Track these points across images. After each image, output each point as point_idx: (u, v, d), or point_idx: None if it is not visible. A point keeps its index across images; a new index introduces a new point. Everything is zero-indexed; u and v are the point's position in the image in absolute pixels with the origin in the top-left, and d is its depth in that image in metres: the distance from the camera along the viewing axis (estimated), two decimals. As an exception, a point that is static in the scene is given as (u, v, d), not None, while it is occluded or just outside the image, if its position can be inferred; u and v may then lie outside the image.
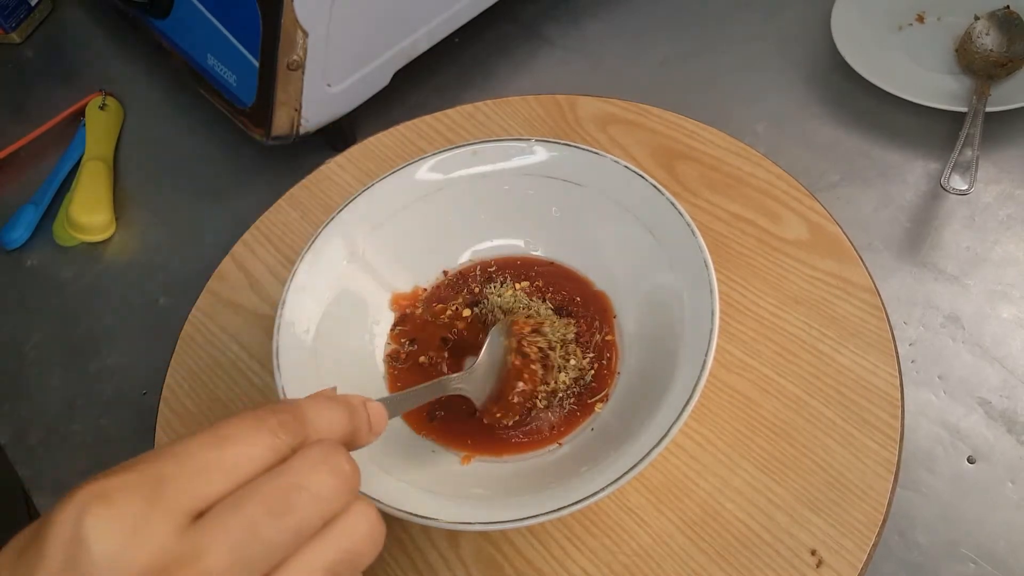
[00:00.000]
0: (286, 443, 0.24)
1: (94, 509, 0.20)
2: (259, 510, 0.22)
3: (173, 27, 0.62)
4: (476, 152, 0.48)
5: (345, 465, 0.24)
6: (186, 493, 0.21)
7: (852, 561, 0.37)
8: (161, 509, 0.21)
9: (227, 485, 0.22)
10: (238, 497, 0.22)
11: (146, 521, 0.20)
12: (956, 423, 0.44)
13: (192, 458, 0.22)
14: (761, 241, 0.49)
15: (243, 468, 0.23)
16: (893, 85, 0.56)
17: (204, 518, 0.21)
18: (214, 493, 0.22)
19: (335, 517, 0.23)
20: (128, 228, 0.64)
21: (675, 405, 0.36)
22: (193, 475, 0.22)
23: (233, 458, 0.23)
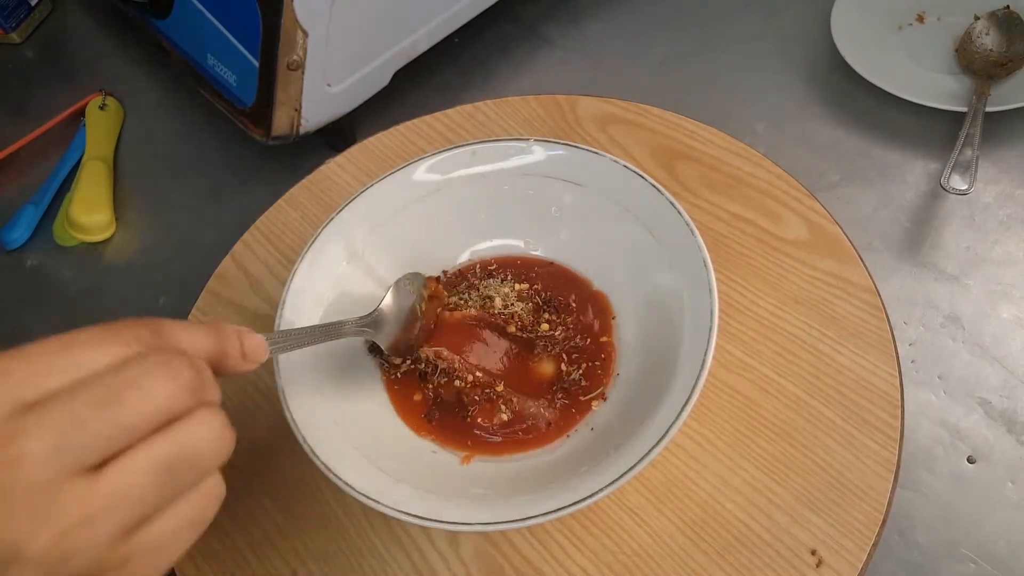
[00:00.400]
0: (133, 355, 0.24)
1: None
2: (85, 401, 0.22)
3: (173, 27, 0.62)
4: (476, 152, 0.48)
5: (185, 370, 0.24)
6: (22, 384, 0.22)
7: (852, 561, 0.37)
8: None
9: (64, 380, 0.22)
10: (70, 391, 0.22)
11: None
12: (956, 423, 0.44)
13: (36, 357, 0.23)
14: (761, 241, 0.49)
15: (84, 369, 0.23)
16: (893, 85, 0.56)
17: (33, 407, 0.21)
18: (51, 388, 0.22)
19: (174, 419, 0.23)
20: (128, 228, 0.64)
21: (675, 405, 0.36)
22: (34, 371, 0.22)
23: (77, 359, 0.23)
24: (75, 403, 0.22)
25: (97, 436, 0.22)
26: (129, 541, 0.22)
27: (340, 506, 0.43)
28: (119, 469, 0.22)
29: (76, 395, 0.22)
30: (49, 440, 0.21)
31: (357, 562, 0.41)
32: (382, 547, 0.41)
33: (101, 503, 0.21)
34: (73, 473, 0.21)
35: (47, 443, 0.21)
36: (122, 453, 0.22)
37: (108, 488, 0.21)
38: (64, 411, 0.21)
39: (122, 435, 0.22)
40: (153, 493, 0.22)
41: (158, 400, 0.23)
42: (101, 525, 0.21)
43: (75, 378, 0.22)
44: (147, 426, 0.23)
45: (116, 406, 0.22)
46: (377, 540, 0.42)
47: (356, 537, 0.42)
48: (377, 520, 0.42)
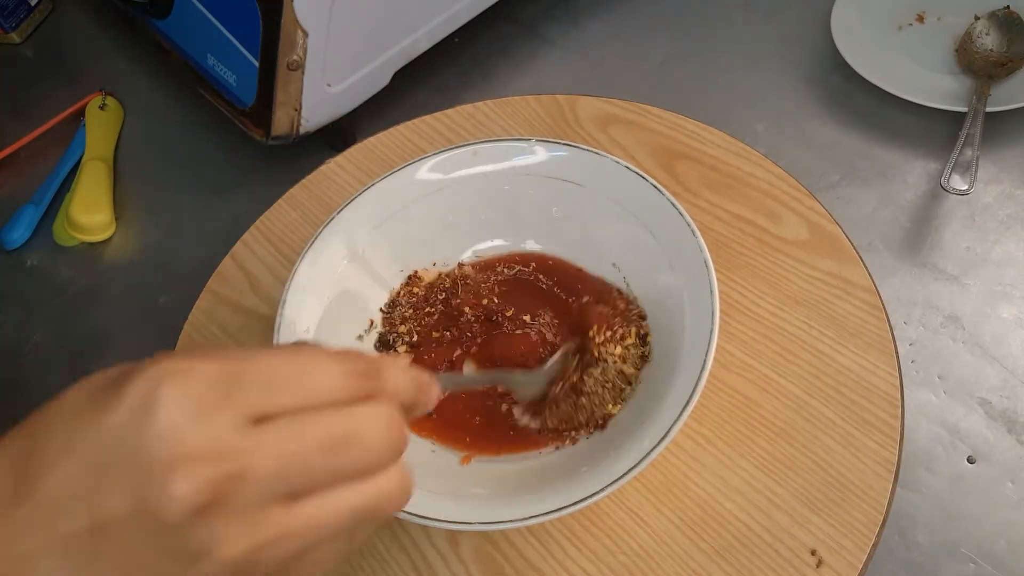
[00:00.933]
0: (359, 389, 0.25)
1: (173, 381, 0.22)
2: (314, 439, 0.23)
3: (173, 27, 0.62)
4: (477, 152, 0.48)
5: (401, 430, 0.25)
6: (257, 398, 0.23)
7: (852, 561, 0.37)
8: (230, 403, 0.22)
9: (295, 404, 0.23)
10: (300, 420, 0.23)
11: (213, 409, 0.22)
12: (956, 423, 0.44)
13: (273, 369, 0.24)
14: (761, 241, 0.49)
15: (315, 394, 0.24)
16: (893, 85, 0.56)
17: (263, 425, 0.23)
18: (281, 407, 0.23)
19: (374, 471, 0.25)
20: (128, 228, 0.64)
21: (675, 405, 0.36)
22: (269, 385, 0.23)
23: (309, 383, 0.24)
24: (303, 437, 0.23)
25: (311, 474, 0.23)
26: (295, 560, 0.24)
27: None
28: (317, 506, 0.23)
29: (305, 427, 0.23)
30: (272, 466, 0.22)
31: (357, 562, 0.41)
32: (382, 547, 0.41)
33: (293, 531, 0.23)
34: (279, 500, 0.23)
35: (270, 469, 0.22)
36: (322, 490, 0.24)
37: (303, 520, 0.23)
38: (292, 442, 0.23)
39: (330, 478, 0.24)
40: (337, 531, 0.24)
41: (373, 456, 0.24)
42: (286, 548, 0.23)
43: (306, 403, 0.24)
44: (352, 475, 0.24)
45: (338, 453, 0.23)
46: (377, 540, 0.42)
47: (356, 537, 0.42)
48: (377, 520, 0.42)
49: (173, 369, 0.23)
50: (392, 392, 0.26)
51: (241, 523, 0.22)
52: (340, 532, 0.24)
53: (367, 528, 0.26)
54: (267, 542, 0.22)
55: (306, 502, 0.23)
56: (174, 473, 0.21)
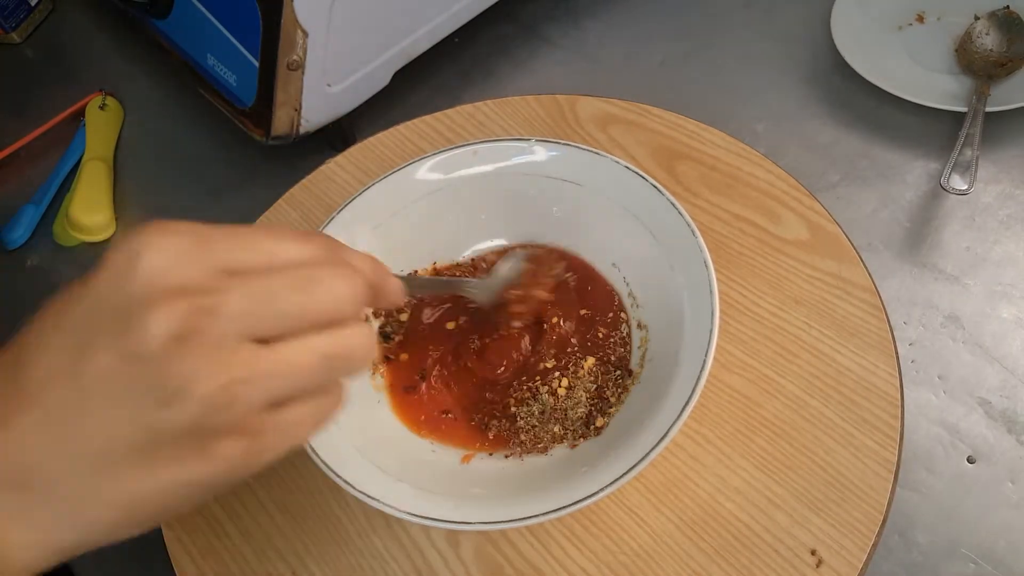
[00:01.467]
0: (321, 258, 0.27)
1: (155, 236, 0.25)
2: (280, 281, 0.25)
3: (173, 27, 0.62)
4: (477, 152, 0.48)
5: (360, 284, 0.27)
6: (230, 252, 0.25)
7: (852, 561, 0.37)
8: (206, 254, 0.25)
9: (262, 260, 0.26)
10: (268, 269, 0.25)
11: (190, 257, 0.24)
12: (956, 423, 0.44)
13: (243, 234, 0.26)
14: (761, 241, 0.49)
15: (282, 256, 0.26)
16: (893, 85, 0.56)
17: (237, 273, 0.25)
18: (252, 263, 0.25)
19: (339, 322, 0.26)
20: (128, 228, 0.64)
21: (675, 405, 0.36)
22: (240, 245, 0.26)
23: (276, 247, 0.26)
24: (271, 281, 0.25)
25: (282, 314, 0.25)
26: (270, 414, 0.25)
27: (340, 506, 0.43)
28: (289, 347, 0.25)
29: (272, 274, 0.25)
30: (243, 303, 0.24)
31: (357, 562, 0.41)
32: (382, 547, 0.42)
33: (267, 369, 0.24)
34: (251, 337, 0.24)
35: (241, 305, 0.24)
36: (293, 335, 0.25)
37: (277, 359, 0.24)
38: (261, 284, 0.25)
39: (300, 320, 0.25)
40: (308, 376, 0.25)
41: (337, 301, 0.26)
42: (260, 388, 0.24)
43: (273, 261, 0.26)
44: (322, 319, 0.26)
45: (305, 294, 0.25)
46: (377, 540, 0.42)
47: (356, 537, 0.42)
48: (377, 520, 0.42)
49: (155, 228, 0.25)
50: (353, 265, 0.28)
51: (214, 357, 0.23)
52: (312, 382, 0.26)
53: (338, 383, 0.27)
54: (240, 378, 0.23)
55: (277, 345, 0.25)
56: (152, 306, 0.23)
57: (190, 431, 0.23)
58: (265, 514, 0.43)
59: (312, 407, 0.26)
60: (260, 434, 0.25)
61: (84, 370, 0.23)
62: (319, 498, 0.43)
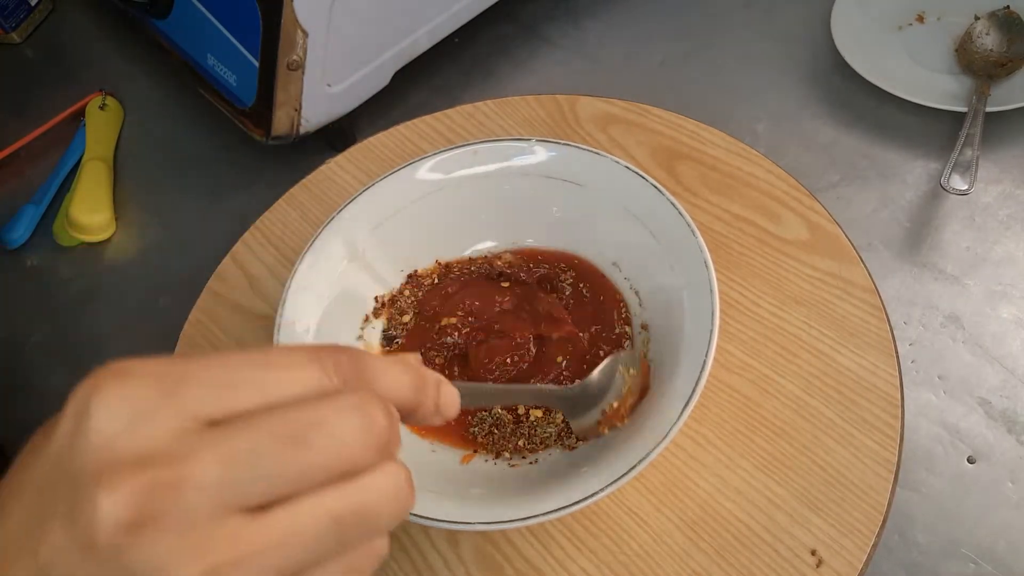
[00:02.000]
0: (335, 387, 0.22)
1: (106, 387, 0.19)
2: (268, 434, 0.20)
3: (173, 27, 0.62)
4: (477, 152, 0.48)
5: (380, 419, 0.21)
6: (205, 398, 0.20)
7: (852, 561, 0.37)
8: (173, 405, 0.19)
9: (253, 404, 0.20)
10: (255, 417, 0.20)
11: (152, 413, 0.19)
12: (956, 423, 0.44)
13: (227, 369, 0.21)
14: (761, 241, 0.49)
15: (276, 393, 0.21)
16: (893, 85, 0.56)
17: (212, 427, 0.20)
18: (236, 408, 0.20)
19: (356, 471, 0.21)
20: (128, 228, 0.64)
21: (675, 405, 0.36)
22: (221, 384, 0.20)
23: (271, 379, 0.21)
24: (254, 433, 0.20)
25: (270, 475, 0.20)
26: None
27: None
28: (287, 515, 0.20)
29: (258, 424, 0.20)
30: (217, 471, 0.19)
31: (357, 562, 0.41)
32: (382, 547, 0.41)
33: (259, 547, 0.19)
34: (236, 509, 0.19)
35: (214, 471, 0.19)
36: (294, 497, 0.20)
37: (270, 533, 0.20)
38: (242, 440, 0.19)
39: (298, 479, 0.20)
40: (317, 547, 0.20)
41: (346, 449, 0.21)
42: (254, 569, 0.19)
43: (265, 402, 0.20)
44: (327, 475, 0.20)
45: (300, 447, 0.20)
46: (377, 540, 0.42)
47: (356, 537, 0.42)
48: (377, 520, 0.42)
49: (112, 372, 0.20)
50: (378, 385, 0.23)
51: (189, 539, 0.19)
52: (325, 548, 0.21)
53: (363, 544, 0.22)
54: (228, 561, 0.19)
55: (272, 511, 0.20)
56: (99, 485, 0.18)
57: None
58: (265, 514, 0.43)
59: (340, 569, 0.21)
60: None
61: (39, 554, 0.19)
62: (319, 498, 0.43)
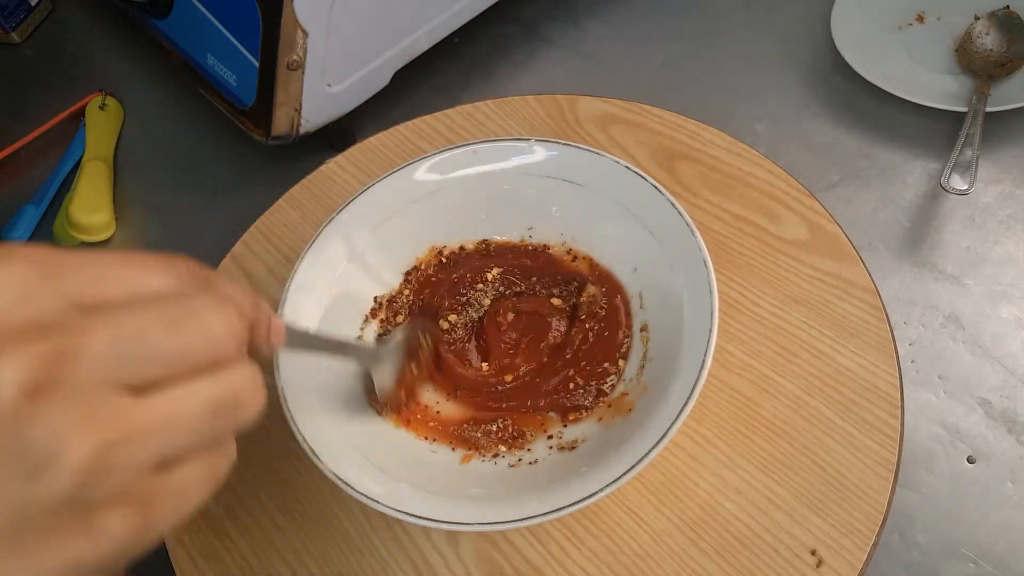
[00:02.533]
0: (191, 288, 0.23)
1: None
2: (149, 316, 0.21)
3: (173, 27, 0.62)
4: (477, 152, 0.48)
5: (236, 319, 0.23)
6: (84, 283, 0.21)
7: (852, 561, 0.37)
8: (56, 286, 0.20)
9: (122, 293, 0.21)
10: (132, 303, 0.21)
11: (38, 289, 0.20)
12: (956, 423, 0.44)
13: (98, 261, 0.22)
14: (761, 241, 0.49)
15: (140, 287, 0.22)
16: (893, 85, 0.56)
17: (95, 308, 0.21)
18: (112, 295, 0.21)
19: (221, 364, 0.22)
20: (128, 228, 0.64)
21: (675, 405, 0.36)
22: (93, 274, 0.21)
23: (137, 275, 0.22)
24: (138, 316, 0.21)
25: (154, 355, 0.21)
26: (158, 477, 0.21)
27: (340, 506, 0.43)
28: (169, 397, 0.21)
29: (136, 310, 0.21)
30: (109, 343, 0.20)
31: (357, 562, 0.41)
32: (382, 547, 0.42)
33: (147, 424, 0.20)
34: (123, 387, 0.20)
35: (105, 344, 0.20)
36: (171, 382, 0.21)
37: (156, 411, 0.21)
38: (127, 320, 0.21)
39: (176, 362, 0.21)
40: (194, 430, 0.22)
41: (217, 338, 0.22)
42: (142, 447, 0.20)
43: (132, 293, 0.22)
44: (203, 360, 0.22)
45: (177, 331, 0.21)
46: (377, 540, 0.42)
47: (356, 537, 0.42)
48: (377, 520, 0.42)
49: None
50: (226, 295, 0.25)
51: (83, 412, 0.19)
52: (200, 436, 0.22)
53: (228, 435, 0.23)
54: (117, 439, 0.20)
55: (155, 394, 0.21)
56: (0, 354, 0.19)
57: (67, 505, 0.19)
58: (265, 514, 0.43)
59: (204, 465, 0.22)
60: (149, 503, 0.21)
61: None
62: (319, 498, 0.43)
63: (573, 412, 0.42)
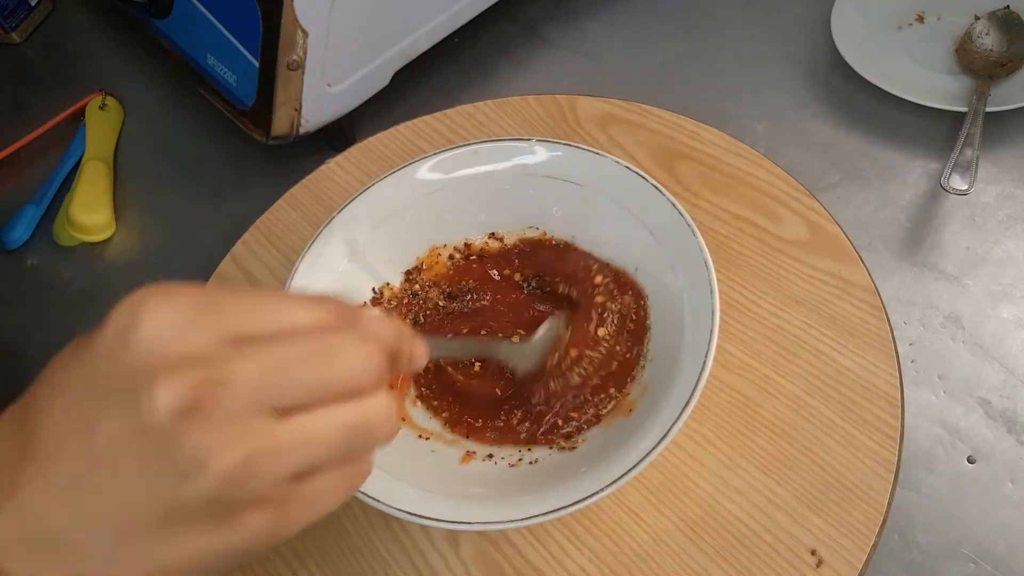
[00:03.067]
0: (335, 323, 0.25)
1: (154, 301, 0.23)
2: (296, 351, 0.23)
3: (173, 27, 0.62)
4: (477, 152, 0.48)
5: (377, 354, 0.25)
6: (237, 318, 0.23)
7: (852, 561, 0.37)
8: (211, 321, 0.23)
9: (273, 327, 0.24)
10: (279, 337, 0.24)
11: (194, 324, 0.23)
12: (956, 423, 0.44)
13: (253, 299, 0.24)
14: (761, 241, 0.49)
15: (291, 322, 0.24)
16: (893, 85, 0.56)
17: (246, 340, 0.23)
18: (261, 330, 0.24)
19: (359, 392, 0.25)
20: (128, 228, 0.64)
21: (675, 405, 0.36)
22: (248, 309, 0.24)
23: (286, 312, 0.25)
24: (284, 349, 0.23)
25: (298, 384, 0.23)
26: (294, 485, 0.24)
27: (340, 506, 0.43)
28: (309, 419, 0.23)
29: (285, 342, 0.23)
30: (256, 372, 0.22)
31: (357, 562, 0.41)
32: (382, 547, 0.42)
33: (287, 441, 0.23)
34: (268, 409, 0.23)
35: (253, 374, 0.22)
36: (313, 407, 0.23)
37: (296, 430, 0.23)
38: (273, 352, 0.23)
39: (318, 391, 0.24)
40: (331, 449, 0.24)
41: (356, 371, 0.24)
42: (283, 460, 0.23)
43: (283, 327, 0.24)
44: (340, 390, 0.24)
45: (321, 363, 0.24)
46: (377, 540, 0.42)
47: (356, 537, 0.42)
48: (377, 520, 0.42)
49: (154, 291, 0.23)
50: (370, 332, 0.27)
51: (230, 430, 0.22)
52: (336, 454, 0.24)
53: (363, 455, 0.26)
54: (260, 451, 0.22)
55: (297, 416, 0.23)
56: (156, 378, 0.21)
57: (212, 504, 0.22)
58: (265, 514, 0.43)
59: (339, 477, 0.25)
60: (286, 505, 0.24)
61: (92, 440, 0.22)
62: (319, 498, 0.43)
63: (564, 439, 0.42)
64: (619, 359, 0.43)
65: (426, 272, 0.49)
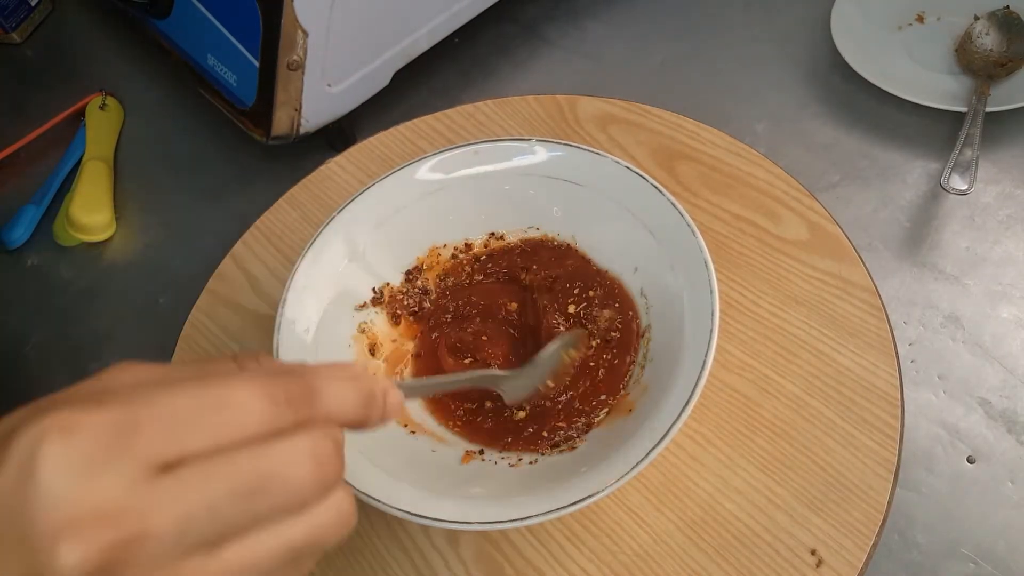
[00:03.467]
0: (287, 420, 0.22)
1: (53, 439, 0.19)
2: (225, 486, 0.21)
3: (173, 27, 0.62)
4: (478, 152, 0.48)
5: (331, 456, 0.23)
6: (158, 444, 0.20)
7: (852, 561, 0.37)
8: (125, 452, 0.20)
9: (207, 446, 0.21)
10: (210, 464, 0.21)
11: (103, 467, 0.20)
12: (956, 423, 0.44)
13: (179, 410, 0.21)
14: (761, 241, 0.49)
15: (230, 434, 0.21)
16: (893, 85, 0.56)
17: (167, 475, 0.20)
18: (191, 450, 0.21)
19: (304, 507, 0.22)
20: (128, 228, 0.64)
21: (675, 405, 0.36)
22: (173, 427, 0.21)
23: (224, 421, 0.21)
24: (211, 484, 0.20)
25: (225, 523, 0.21)
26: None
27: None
28: (243, 548, 0.21)
29: (214, 473, 0.21)
30: (174, 523, 0.20)
31: (357, 562, 0.41)
32: (382, 547, 0.42)
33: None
34: (194, 551, 0.20)
35: (172, 526, 0.20)
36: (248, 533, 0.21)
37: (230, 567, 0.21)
38: (198, 492, 0.20)
39: (252, 522, 0.21)
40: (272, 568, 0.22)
41: (302, 493, 0.22)
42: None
43: (218, 442, 0.21)
44: (284, 510, 0.22)
45: (255, 497, 0.21)
46: (377, 540, 0.42)
47: (356, 537, 0.42)
48: (377, 520, 0.42)
49: (55, 425, 0.20)
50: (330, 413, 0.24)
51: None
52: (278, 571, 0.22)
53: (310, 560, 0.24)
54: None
55: (230, 546, 0.21)
56: (58, 543, 0.19)
57: None
58: (265, 514, 0.43)
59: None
60: None
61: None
62: (319, 498, 0.43)
63: (557, 448, 0.42)
64: (605, 366, 0.43)
65: (426, 272, 0.49)
